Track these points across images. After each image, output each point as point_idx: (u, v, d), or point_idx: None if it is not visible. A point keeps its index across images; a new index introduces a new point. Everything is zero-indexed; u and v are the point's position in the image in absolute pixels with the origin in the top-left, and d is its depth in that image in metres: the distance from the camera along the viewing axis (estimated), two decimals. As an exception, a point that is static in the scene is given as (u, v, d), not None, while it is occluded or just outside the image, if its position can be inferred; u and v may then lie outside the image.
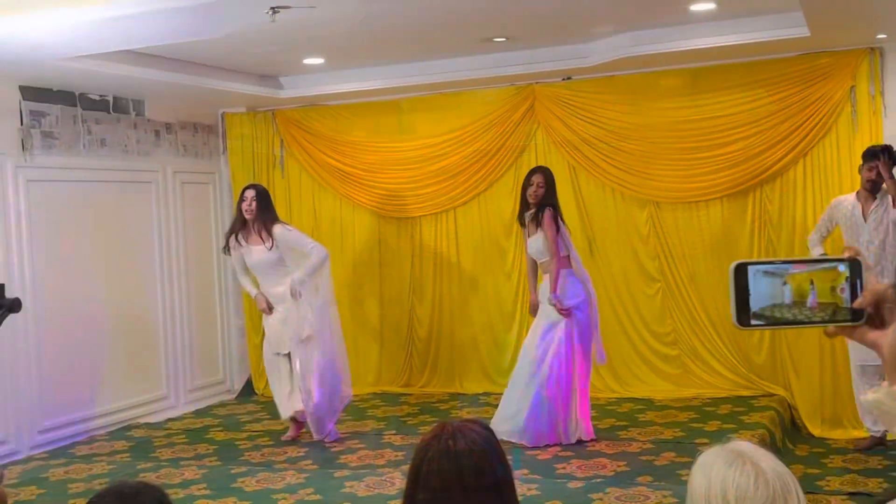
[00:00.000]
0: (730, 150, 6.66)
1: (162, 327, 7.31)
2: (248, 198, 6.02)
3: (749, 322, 1.30)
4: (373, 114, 7.63)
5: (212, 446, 6.09)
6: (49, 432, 6.30)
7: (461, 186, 7.40)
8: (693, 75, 6.73)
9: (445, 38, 6.26)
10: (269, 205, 6.12)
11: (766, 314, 1.29)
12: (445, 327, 7.56)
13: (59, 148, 6.51)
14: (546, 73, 6.90)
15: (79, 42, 5.10)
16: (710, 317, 6.82)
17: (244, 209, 6.02)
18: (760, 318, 1.29)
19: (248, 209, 6.00)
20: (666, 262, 6.92)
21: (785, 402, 6.55)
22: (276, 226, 6.02)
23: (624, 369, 7.06)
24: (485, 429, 2.04)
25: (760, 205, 6.68)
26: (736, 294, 1.29)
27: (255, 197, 6.01)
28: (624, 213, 7.01)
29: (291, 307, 5.99)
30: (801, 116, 6.49)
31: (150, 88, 6.84)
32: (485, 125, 7.28)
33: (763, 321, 1.30)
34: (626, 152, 6.90)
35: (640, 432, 5.86)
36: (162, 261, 7.30)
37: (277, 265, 6.06)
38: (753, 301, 1.29)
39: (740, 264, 1.30)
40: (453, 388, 7.48)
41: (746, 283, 1.29)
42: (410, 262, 7.63)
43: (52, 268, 6.39)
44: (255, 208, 5.99)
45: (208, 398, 7.68)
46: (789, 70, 6.48)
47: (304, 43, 6.22)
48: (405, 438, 6.02)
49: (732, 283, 1.30)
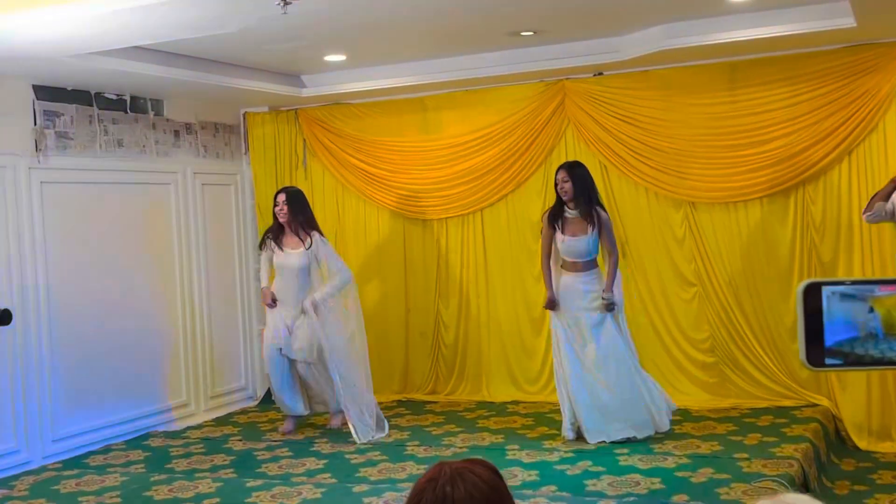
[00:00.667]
0: (769, 147, 6.35)
1: (182, 332, 7.12)
2: (280, 202, 6.17)
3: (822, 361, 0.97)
4: (397, 112, 7.40)
5: (229, 457, 5.89)
6: (63, 441, 6.12)
7: (488, 187, 7.14)
8: (731, 69, 6.42)
9: (471, 33, 6.02)
10: (303, 206, 6.27)
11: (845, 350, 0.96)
12: (472, 333, 7.32)
13: (75, 149, 6.34)
14: (576, 69, 6.62)
15: (90, 37, 4.92)
16: (749, 322, 6.51)
17: (277, 213, 6.16)
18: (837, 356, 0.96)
19: (282, 213, 6.15)
20: (702, 265, 6.62)
21: (829, 412, 6.23)
22: (315, 232, 6.18)
23: (658, 377, 6.70)
24: (490, 471, 1.76)
25: (803, 205, 6.36)
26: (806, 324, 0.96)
27: (286, 200, 6.16)
28: (658, 213, 6.72)
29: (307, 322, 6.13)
30: (846, 112, 6.16)
31: (169, 87, 6.66)
32: (512, 123, 7.02)
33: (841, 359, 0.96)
34: (661, 150, 6.61)
35: (675, 446, 5.57)
36: (182, 264, 7.12)
37: (303, 273, 6.13)
38: (829, 333, 0.96)
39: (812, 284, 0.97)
40: (480, 396, 7.23)
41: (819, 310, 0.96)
42: (436, 265, 7.39)
43: (68, 272, 6.22)
44: (288, 212, 6.14)
45: (230, 405, 7.49)
46: (833, 63, 6.15)
47: (325, 39, 6.01)
48: (429, 450, 5.78)
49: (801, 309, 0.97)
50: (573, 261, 5.77)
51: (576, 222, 5.75)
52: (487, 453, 5.63)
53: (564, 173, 5.75)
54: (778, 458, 5.16)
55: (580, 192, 5.72)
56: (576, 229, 5.73)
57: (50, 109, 6.18)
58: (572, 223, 5.75)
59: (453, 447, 5.84)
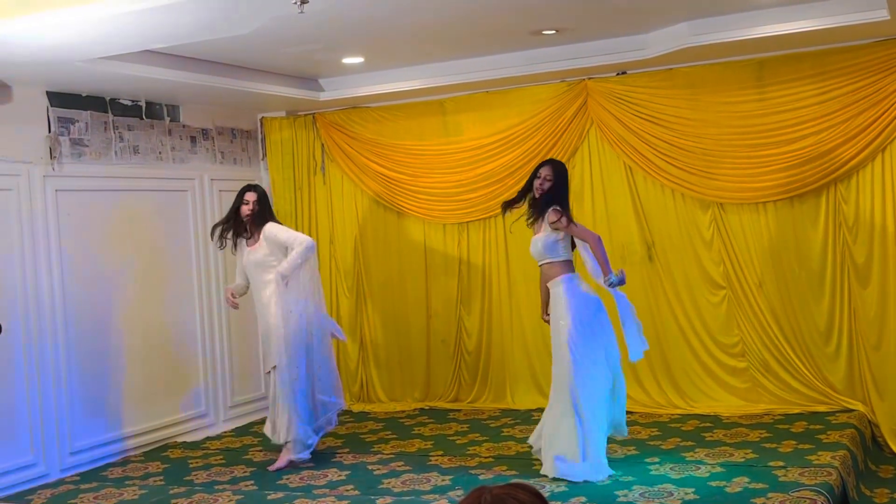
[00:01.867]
0: (799, 146, 6.18)
1: (200, 341, 7.02)
2: (251, 200, 5.81)
3: None
4: (416, 115, 7.27)
5: (249, 468, 5.76)
6: (81, 454, 6.02)
7: (511, 190, 6.96)
8: (758, 66, 6.25)
9: (492, 33, 5.88)
10: (268, 206, 5.95)
11: None
12: (495, 339, 7.17)
13: (90, 156, 6.24)
14: (599, 68, 6.47)
15: (103, 41, 4.82)
16: (781, 326, 6.33)
17: (243, 210, 5.80)
18: None
19: (248, 209, 5.80)
20: (731, 267, 6.44)
21: (865, 418, 6.04)
22: (268, 224, 5.81)
23: (687, 383, 6.59)
24: (534, 496, 1.61)
25: (834, 205, 6.17)
26: None
27: (257, 200, 5.82)
28: (685, 215, 6.56)
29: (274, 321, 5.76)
30: (878, 109, 5.98)
31: (185, 92, 6.56)
32: (534, 125, 6.87)
33: None
34: (687, 150, 6.45)
35: (707, 454, 5.40)
36: (199, 272, 7.01)
37: (264, 265, 5.77)
38: None
39: None
40: (504, 404, 7.08)
41: None
42: (458, 270, 7.25)
43: (83, 281, 6.12)
44: (258, 211, 5.81)
45: (250, 414, 7.37)
46: (864, 58, 5.98)
47: (343, 41, 5.90)
48: (453, 460, 5.63)
49: None
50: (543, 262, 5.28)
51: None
52: (514, 463, 5.48)
53: (549, 171, 5.26)
54: (815, 467, 4.98)
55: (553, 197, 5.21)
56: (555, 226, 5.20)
57: (64, 116, 6.09)
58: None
59: (478, 457, 5.69)
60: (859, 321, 6.14)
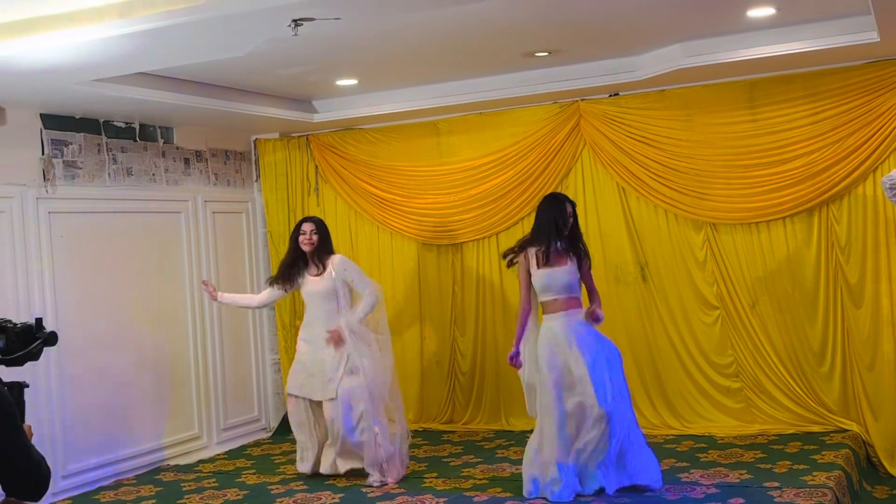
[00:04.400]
0: (791, 166, 6.20)
1: (193, 363, 6.99)
2: (308, 230, 5.89)
3: None
4: (410, 136, 7.29)
5: (242, 491, 5.73)
6: (73, 477, 5.98)
7: (504, 210, 7.01)
8: (750, 87, 6.29)
9: (485, 55, 5.91)
10: (328, 236, 6.01)
11: None
12: (490, 360, 7.15)
13: (83, 178, 6.24)
14: (592, 89, 6.50)
15: (97, 63, 4.82)
16: (775, 346, 6.34)
17: (302, 242, 5.88)
18: None
19: (308, 242, 5.87)
20: (725, 287, 6.45)
21: (859, 438, 6.04)
22: (335, 255, 5.93)
23: (682, 404, 6.59)
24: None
25: (827, 225, 6.20)
26: None
27: (315, 230, 5.90)
28: (678, 235, 6.57)
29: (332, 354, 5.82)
30: (869, 129, 6.01)
31: (179, 114, 6.57)
32: (528, 146, 6.90)
33: None
34: (680, 171, 6.47)
35: (702, 475, 5.38)
36: (193, 294, 6.99)
37: (331, 296, 5.85)
38: None
39: None
40: (499, 425, 7.06)
41: None
42: (451, 291, 7.25)
43: (76, 302, 6.10)
44: (317, 241, 5.89)
45: (243, 437, 7.34)
46: (855, 79, 6.02)
47: (337, 63, 5.92)
48: (447, 482, 5.60)
49: None
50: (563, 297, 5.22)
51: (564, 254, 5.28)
52: (508, 485, 5.46)
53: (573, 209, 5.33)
54: (810, 487, 4.97)
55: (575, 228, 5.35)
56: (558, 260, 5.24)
57: (58, 138, 6.09)
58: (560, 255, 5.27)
59: (472, 479, 5.67)
60: (853, 341, 6.14)
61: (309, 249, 5.89)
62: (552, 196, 5.45)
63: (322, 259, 5.90)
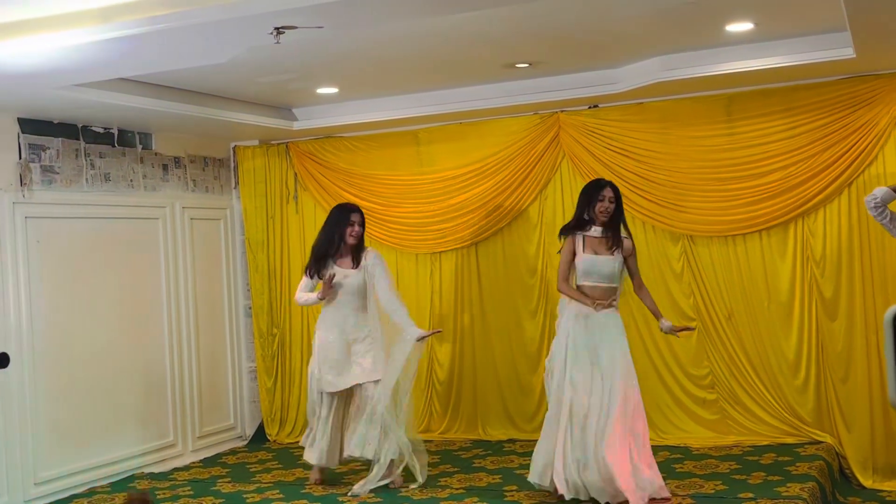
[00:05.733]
0: (768, 180, 6.26)
1: (169, 371, 6.95)
2: (356, 221, 5.81)
3: None
4: (390, 145, 7.29)
5: (217, 500, 5.69)
6: (46, 484, 5.93)
7: (483, 220, 7.02)
8: (728, 101, 6.34)
9: (466, 65, 5.93)
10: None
11: None
12: (467, 370, 7.16)
13: (60, 183, 6.20)
14: (572, 101, 6.54)
15: (76, 67, 4.79)
16: (750, 358, 6.38)
17: (348, 234, 5.78)
18: None
19: (356, 233, 5.80)
20: (701, 299, 6.50)
21: (833, 450, 6.09)
22: (376, 252, 5.88)
23: (658, 415, 6.61)
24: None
25: (802, 239, 6.25)
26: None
27: (361, 221, 5.83)
28: (656, 247, 6.61)
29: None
30: (845, 144, 6.08)
31: (158, 120, 6.54)
32: (507, 156, 6.92)
33: None
34: (658, 183, 6.51)
35: (678, 485, 5.41)
36: (169, 301, 6.96)
37: (363, 293, 5.81)
38: None
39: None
40: (476, 435, 7.06)
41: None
42: (430, 300, 7.25)
43: (52, 309, 6.06)
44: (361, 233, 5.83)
45: (218, 445, 7.31)
46: (831, 95, 6.09)
47: (317, 71, 5.93)
48: (424, 492, 5.60)
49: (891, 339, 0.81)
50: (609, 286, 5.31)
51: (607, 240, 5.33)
52: (485, 495, 5.46)
53: (612, 193, 5.33)
54: (784, 498, 5.01)
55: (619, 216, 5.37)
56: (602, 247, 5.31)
57: (35, 143, 6.05)
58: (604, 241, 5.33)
59: (449, 488, 5.66)
60: (827, 354, 6.20)
61: (354, 243, 5.80)
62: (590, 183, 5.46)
63: (359, 253, 5.83)
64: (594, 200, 5.30)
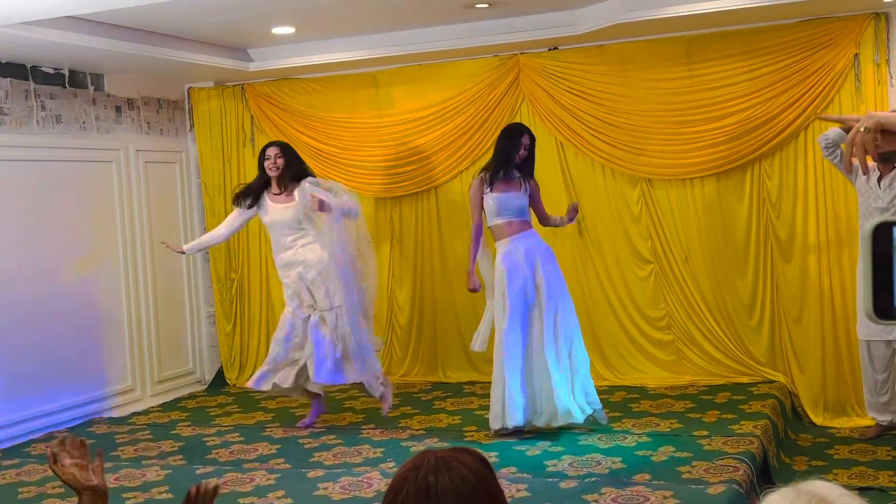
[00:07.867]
0: (727, 123, 6.29)
1: (126, 315, 6.89)
2: (272, 155, 5.78)
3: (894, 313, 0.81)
4: (348, 88, 7.20)
5: (177, 443, 5.69)
6: (2, 429, 5.87)
7: (443, 164, 6.99)
8: (688, 44, 6.34)
9: (425, 5, 5.85)
10: (301, 162, 5.90)
11: None
12: (427, 313, 7.18)
13: (10, 125, 6.05)
14: (531, 43, 6.49)
15: (23, 4, 4.66)
16: (706, 300, 6.47)
17: (268, 167, 5.76)
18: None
19: (273, 166, 5.75)
20: (659, 242, 6.55)
21: (785, 389, 6.22)
22: (307, 180, 5.75)
23: (615, 355, 6.70)
24: (477, 460, 1.63)
25: (759, 182, 6.31)
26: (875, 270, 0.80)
27: (280, 154, 5.78)
28: (614, 191, 6.64)
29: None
30: (802, 87, 6.11)
31: (110, 61, 6.39)
32: (466, 99, 6.87)
33: None
34: (617, 126, 6.52)
35: (634, 424, 5.50)
36: (125, 245, 6.87)
37: (295, 226, 5.72)
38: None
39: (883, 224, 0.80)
40: (436, 377, 7.11)
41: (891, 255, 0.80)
42: (389, 244, 7.23)
43: (4, 253, 5.95)
44: (283, 165, 5.76)
45: (177, 390, 7.28)
46: (790, 37, 6.10)
47: (273, 10, 5.80)
48: (385, 433, 5.64)
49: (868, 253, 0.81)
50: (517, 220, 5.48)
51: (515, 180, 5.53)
52: (445, 435, 5.52)
53: (529, 140, 5.53)
54: (738, 436, 5.12)
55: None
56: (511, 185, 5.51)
57: (-17, 83, 5.89)
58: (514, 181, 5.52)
59: (409, 429, 5.71)
60: (782, 295, 6.30)
61: (275, 174, 5.77)
62: (510, 128, 5.68)
63: (287, 186, 5.77)
64: (518, 147, 5.48)
